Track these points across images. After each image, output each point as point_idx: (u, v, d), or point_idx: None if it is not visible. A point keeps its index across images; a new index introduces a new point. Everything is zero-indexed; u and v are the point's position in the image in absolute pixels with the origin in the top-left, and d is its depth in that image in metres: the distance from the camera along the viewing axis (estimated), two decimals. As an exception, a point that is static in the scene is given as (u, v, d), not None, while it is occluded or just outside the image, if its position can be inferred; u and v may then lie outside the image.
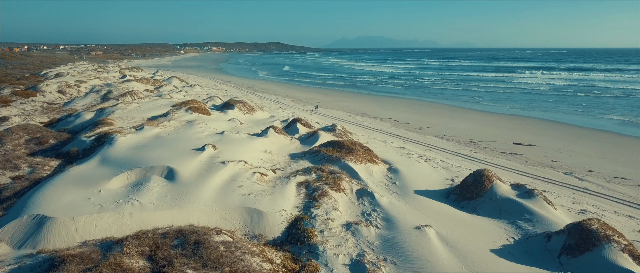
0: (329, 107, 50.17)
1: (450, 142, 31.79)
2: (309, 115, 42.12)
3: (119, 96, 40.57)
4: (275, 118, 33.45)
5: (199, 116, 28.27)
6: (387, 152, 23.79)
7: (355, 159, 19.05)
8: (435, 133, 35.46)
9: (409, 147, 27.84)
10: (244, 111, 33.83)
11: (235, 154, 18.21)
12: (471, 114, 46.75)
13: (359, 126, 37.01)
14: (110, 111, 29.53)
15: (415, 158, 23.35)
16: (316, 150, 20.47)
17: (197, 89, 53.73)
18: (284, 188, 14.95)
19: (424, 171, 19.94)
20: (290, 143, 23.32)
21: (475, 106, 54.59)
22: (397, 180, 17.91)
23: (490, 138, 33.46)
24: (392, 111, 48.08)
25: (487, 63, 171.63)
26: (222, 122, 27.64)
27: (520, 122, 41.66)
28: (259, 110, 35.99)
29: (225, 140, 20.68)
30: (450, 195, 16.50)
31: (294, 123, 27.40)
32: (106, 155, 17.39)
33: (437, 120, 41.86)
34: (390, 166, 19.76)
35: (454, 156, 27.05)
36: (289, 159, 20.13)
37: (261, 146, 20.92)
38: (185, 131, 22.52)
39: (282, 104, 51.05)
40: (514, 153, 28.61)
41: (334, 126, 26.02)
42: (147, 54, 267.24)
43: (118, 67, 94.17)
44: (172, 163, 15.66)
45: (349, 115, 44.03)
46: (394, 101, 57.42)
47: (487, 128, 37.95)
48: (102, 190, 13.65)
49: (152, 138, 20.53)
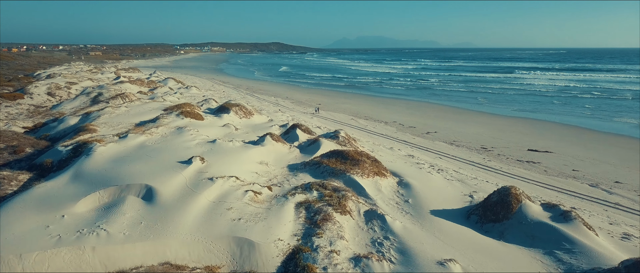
0: (331, 109, 48.11)
1: (461, 149, 29.71)
2: (310, 118, 40.06)
3: (109, 98, 38.50)
4: (274, 123, 31.38)
5: (191, 121, 26.20)
6: (396, 162, 21.72)
7: (361, 172, 16.97)
8: (444, 138, 33.38)
9: (418, 155, 25.76)
10: (241, 115, 31.76)
11: (226, 167, 16.14)
12: (479, 117, 44.69)
13: (362, 131, 34.93)
14: (96, 116, 27.48)
15: (426, 168, 21.28)
16: (318, 161, 18.40)
17: (194, 91, 51.64)
18: (281, 210, 12.87)
19: (438, 185, 17.86)
20: (289, 151, 21.25)
21: (482, 108, 52.53)
22: (410, 196, 15.83)
23: (503, 144, 31.39)
24: (397, 113, 46.01)
25: (489, 63, 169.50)
26: (216, 128, 25.56)
27: (531, 126, 39.57)
28: (257, 114, 33.92)
29: (216, 150, 18.61)
30: (472, 215, 14.41)
31: (294, 129, 25.33)
32: (80, 169, 15.33)
33: (444, 124, 39.79)
34: (401, 180, 17.69)
35: (466, 165, 24.97)
36: (287, 171, 18.05)
37: (256, 156, 18.85)
38: (173, 139, 20.45)
39: (281, 106, 48.98)
40: (531, 161, 26.52)
41: (337, 133, 23.95)
42: (146, 54, 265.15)
43: (114, 67, 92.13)
44: (152, 180, 13.58)
45: (352, 118, 41.96)
46: (398, 103, 55.34)
47: (498, 132, 35.88)
48: (66, 214, 11.59)
49: (136, 148, 18.46)
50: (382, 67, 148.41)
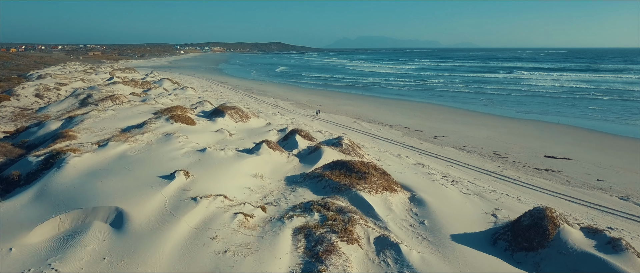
0: (332, 111, 46.07)
1: (473, 155, 27.66)
2: (310, 121, 38.04)
3: (99, 100, 36.51)
4: (272, 127, 29.36)
5: (181, 126, 24.17)
6: (405, 172, 19.68)
7: (369, 187, 14.94)
8: (453, 143, 31.33)
9: (428, 163, 23.71)
10: (236, 118, 29.73)
11: (214, 182, 14.11)
12: (487, 120, 42.64)
13: (366, 135, 32.88)
14: (79, 120, 25.47)
15: (439, 179, 19.23)
16: (319, 173, 16.37)
17: (189, 92, 49.65)
18: (276, 238, 10.84)
19: (455, 201, 15.83)
20: (288, 161, 19.22)
21: (488, 109, 50.44)
22: (425, 216, 13.79)
23: (517, 149, 29.34)
24: (401, 116, 43.96)
25: (491, 63, 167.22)
26: (208, 134, 23.54)
27: (543, 129, 37.50)
28: (254, 117, 31.90)
29: (205, 161, 16.59)
30: (499, 241, 12.38)
31: (293, 135, 23.29)
32: (47, 186, 13.31)
33: (452, 127, 37.73)
34: (413, 195, 15.65)
35: (481, 174, 22.92)
36: (285, 185, 16.02)
37: (250, 167, 16.82)
38: (159, 148, 18.43)
39: (280, 108, 46.95)
40: (550, 170, 24.47)
41: (339, 139, 21.90)
42: (145, 54, 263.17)
43: (110, 68, 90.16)
44: (124, 201, 11.56)
45: (354, 121, 39.91)
46: (402, 105, 53.29)
47: (509, 136, 33.83)
48: (15, 246, 9.58)
49: (115, 159, 16.44)
50: (383, 68, 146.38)
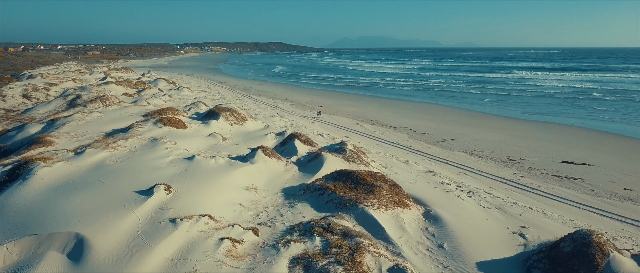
0: (333, 113, 44.17)
1: (485, 160, 25.74)
2: (311, 123, 36.14)
3: (88, 101, 34.63)
4: (270, 130, 27.48)
5: (170, 130, 22.27)
6: (416, 182, 17.77)
7: (378, 202, 13.04)
8: (463, 147, 29.42)
9: (439, 170, 21.78)
10: (232, 121, 27.84)
11: (200, 198, 12.23)
12: (495, 121, 40.71)
13: (370, 139, 30.97)
14: (61, 123, 23.59)
15: (453, 190, 17.32)
16: (321, 186, 14.47)
17: (185, 93, 47.79)
18: (269, 271, 8.95)
19: (475, 217, 13.92)
20: (285, 170, 17.33)
21: (495, 110, 48.46)
22: (444, 237, 11.90)
23: (531, 154, 27.44)
24: (405, 117, 42.05)
25: (493, 63, 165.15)
26: (199, 138, 21.65)
27: (555, 131, 35.57)
28: (251, 119, 30.00)
29: (192, 171, 14.69)
30: (533, 270, 10.47)
31: (291, 140, 21.38)
32: (5, 203, 11.44)
33: (460, 129, 35.81)
34: (428, 210, 13.76)
35: (497, 182, 21.00)
36: (282, 199, 14.12)
37: (243, 178, 14.93)
38: (142, 156, 16.55)
39: (279, 109, 45.05)
40: (571, 177, 22.56)
41: (343, 145, 19.98)
42: (145, 54, 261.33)
43: (106, 67, 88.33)
44: (88, 225, 9.68)
45: (357, 123, 38.00)
46: (405, 105, 51.36)
47: (521, 140, 31.91)
48: (-57, 287, 7.70)
49: (90, 169, 14.56)
50: (384, 67, 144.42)
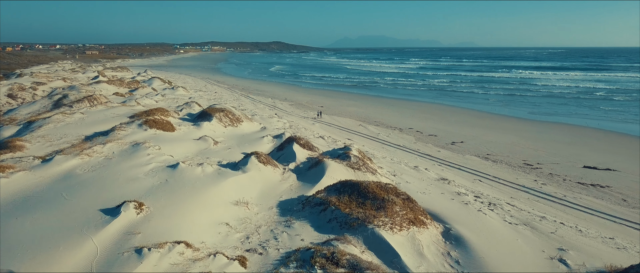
0: (335, 113, 42.15)
1: (501, 166, 23.71)
2: (311, 125, 34.13)
3: (74, 101, 32.63)
4: (267, 132, 25.47)
5: (156, 133, 20.25)
6: (430, 192, 15.74)
7: (390, 221, 11.02)
8: (474, 150, 27.40)
9: (452, 177, 19.74)
10: (226, 122, 25.82)
11: (178, 218, 10.21)
12: (504, 122, 38.67)
13: (375, 141, 28.95)
14: (38, 125, 21.59)
15: (472, 202, 15.28)
16: (323, 200, 12.44)
17: (180, 92, 45.81)
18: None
19: (502, 236, 11.91)
20: (282, 178, 15.31)
21: (503, 110, 46.39)
22: (470, 265, 9.88)
23: (548, 158, 25.42)
24: (411, 118, 40.03)
25: (495, 62, 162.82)
26: (188, 142, 19.63)
27: (570, 133, 33.52)
28: (247, 120, 27.97)
29: (174, 183, 12.68)
30: (587, 310, 8.45)
31: (290, 144, 19.35)
32: (-59, 223, 9.43)
33: (469, 131, 33.78)
34: (447, 229, 11.75)
35: (518, 191, 18.96)
36: (277, 216, 12.10)
37: (233, 190, 12.92)
38: (118, 163, 14.54)
39: (278, 110, 43.03)
40: (597, 185, 20.52)
41: (346, 150, 17.93)
42: (144, 53, 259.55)
43: (102, 66, 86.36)
44: (29, 260, 7.67)
45: (360, 124, 35.97)
46: (410, 106, 49.31)
47: (535, 142, 29.89)
48: None
49: (56, 180, 12.56)
50: (386, 67, 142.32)
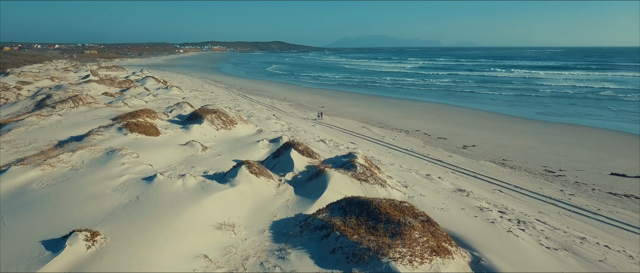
0: (336, 114, 40.00)
1: (520, 173, 21.52)
2: (311, 127, 31.98)
3: (58, 102, 30.48)
4: (263, 135, 23.32)
5: (138, 138, 18.07)
6: (448, 207, 13.56)
7: (409, 251, 8.86)
8: (488, 154, 25.22)
9: (470, 188, 17.55)
10: (218, 125, 23.66)
11: (142, 251, 8.05)
12: (516, 123, 36.47)
13: (380, 145, 26.78)
14: (7, 129, 19.42)
15: (498, 219, 13.10)
16: (325, 222, 10.28)
17: (174, 92, 43.67)
18: None
19: (542, 267, 9.74)
20: (277, 192, 13.15)
21: (512, 111, 44.13)
22: (515, 315, 7.69)
23: (570, 164, 23.24)
24: (416, 119, 37.85)
25: (497, 62, 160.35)
26: (173, 148, 17.46)
27: (589, 135, 31.33)
28: (242, 123, 25.80)
29: (145, 201, 10.53)
30: None
31: (287, 150, 17.17)
32: None
33: (479, 133, 31.62)
34: (476, 258, 9.60)
35: (545, 204, 16.78)
36: (268, 244, 9.93)
37: (217, 210, 10.76)
38: (85, 176, 12.39)
39: (277, 110, 40.87)
40: (631, 196, 18.31)
41: (351, 158, 15.72)
42: (143, 53, 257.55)
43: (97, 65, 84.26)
44: None
45: (363, 126, 33.79)
46: (414, 106, 47.12)
47: (552, 146, 27.73)
48: None
49: (4, 199, 10.40)
50: (386, 66, 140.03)
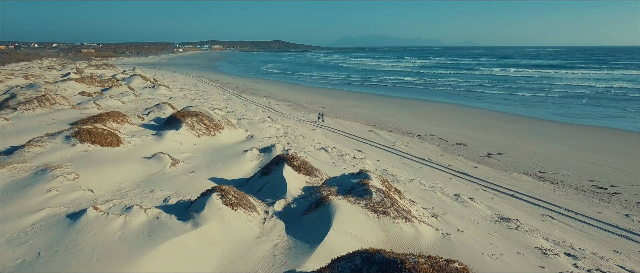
0: (339, 115, 36.17)
1: (565, 190, 17.66)
2: (311, 131, 28.16)
3: (22, 102, 26.68)
4: (253, 143, 19.51)
5: (89, 150, 14.22)
6: (499, 251, 9.69)
7: None
8: (520, 165, 21.37)
9: (513, 213, 13.68)
10: (200, 130, 19.83)
11: None
12: (542, 127, 32.48)
13: (392, 153, 22.92)
14: None
15: (571, 269, 9.27)
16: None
17: (161, 91, 39.88)
18: None
19: None
20: (261, 233, 9.33)
21: (532, 112, 40.14)
22: None
23: (620, 177, 19.40)
24: (428, 122, 34.00)
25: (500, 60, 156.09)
26: (132, 164, 13.63)
27: (629, 141, 27.46)
28: (229, 127, 21.97)
29: (48, 261, 6.71)
30: None
31: (279, 166, 13.31)
32: None
33: (502, 138, 27.79)
34: None
35: (616, 237, 12.89)
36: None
37: (168, 267, 6.93)
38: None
39: (273, 112, 37.04)
40: None
41: (364, 180, 11.80)
42: (141, 52, 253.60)
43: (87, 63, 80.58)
44: None
45: (370, 130, 29.95)
46: (423, 106, 43.24)
47: (590, 153, 23.90)
48: None
49: None
50: (389, 66, 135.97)
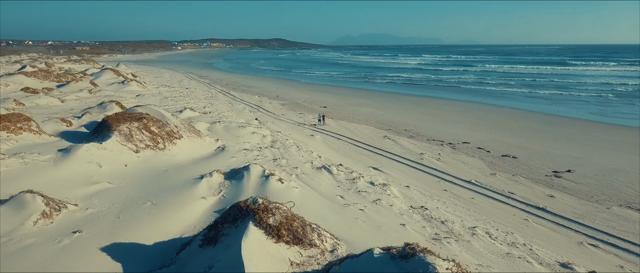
0: (343, 117, 29.64)
1: None
2: (309, 138, 21.64)
3: None
4: (221, 161, 13.05)
5: None
6: None
7: None
8: (611, 192, 14.86)
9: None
10: (140, 142, 13.32)
11: None
12: (598, 131, 26.08)
13: (421, 172, 16.34)
14: None
15: None
16: None
17: (131, 88, 33.43)
18: None
19: None
20: None
21: (572, 112, 33.51)
22: None
23: None
24: (455, 124, 27.46)
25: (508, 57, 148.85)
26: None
27: None
28: (191, 136, 15.43)
29: None
30: None
31: (239, 228, 6.83)
32: None
33: (560, 148, 21.31)
34: None
35: None
36: None
37: None
38: None
39: (263, 112, 30.50)
40: None
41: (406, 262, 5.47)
42: (137, 50, 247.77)
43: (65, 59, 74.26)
44: None
45: (385, 136, 23.38)
46: (442, 105, 36.62)
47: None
48: None
49: None
50: (396, 63, 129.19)
